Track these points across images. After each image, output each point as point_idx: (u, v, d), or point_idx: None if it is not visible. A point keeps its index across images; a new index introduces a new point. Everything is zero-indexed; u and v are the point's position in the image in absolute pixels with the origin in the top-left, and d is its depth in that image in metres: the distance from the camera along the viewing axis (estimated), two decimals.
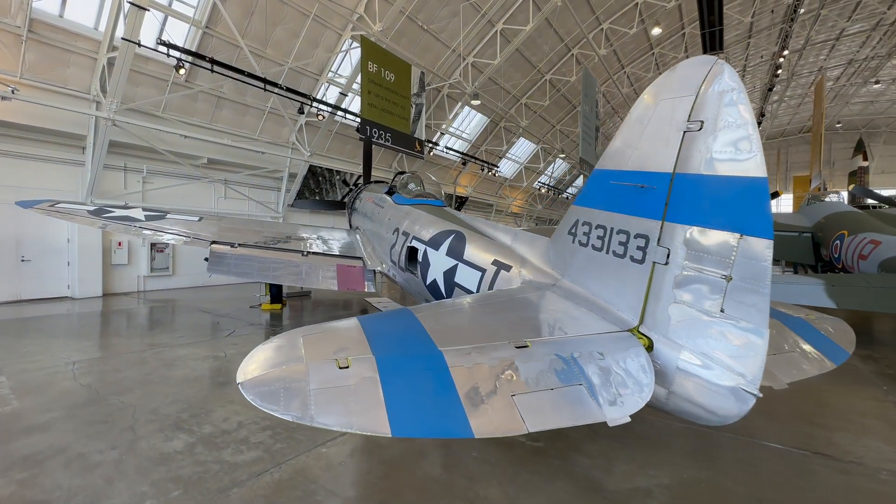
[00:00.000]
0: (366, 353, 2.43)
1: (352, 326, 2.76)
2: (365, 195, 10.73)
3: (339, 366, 2.27)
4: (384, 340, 2.62)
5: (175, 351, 6.26)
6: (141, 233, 7.54)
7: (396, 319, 3.03)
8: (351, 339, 2.59)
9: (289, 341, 2.48)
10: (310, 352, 2.37)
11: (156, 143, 12.66)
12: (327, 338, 2.60)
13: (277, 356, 2.33)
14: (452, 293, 5.47)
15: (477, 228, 5.79)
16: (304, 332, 2.60)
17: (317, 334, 2.61)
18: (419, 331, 2.83)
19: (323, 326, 2.75)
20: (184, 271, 14.54)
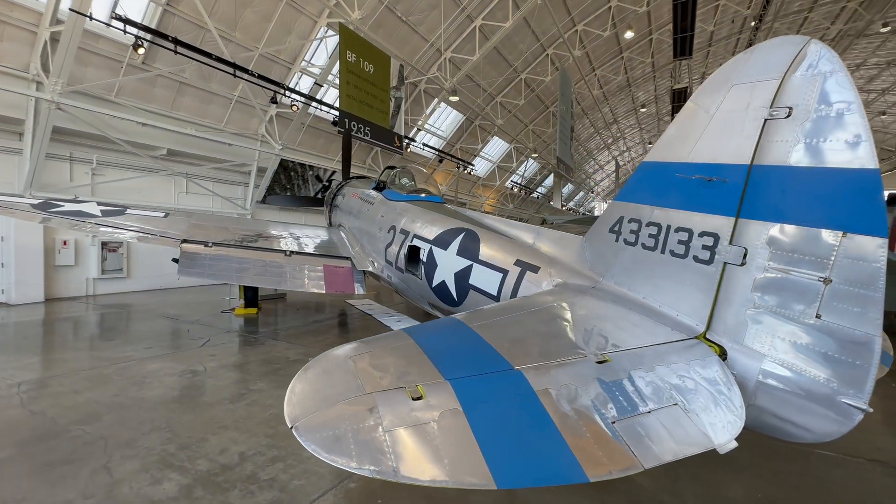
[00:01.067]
0: (434, 376, 1.97)
1: (405, 341, 2.29)
2: (348, 191, 10.10)
3: (411, 396, 1.80)
4: (449, 358, 2.18)
5: (144, 365, 5.45)
6: (97, 230, 6.61)
7: (449, 330, 2.59)
8: (410, 357, 2.12)
9: (335, 364, 1.99)
10: (368, 378, 1.88)
11: (108, 130, 11.38)
12: (381, 357, 2.12)
13: (330, 386, 1.83)
14: (467, 296, 5.05)
15: (490, 226, 5.39)
16: (349, 350, 2.11)
17: (366, 353, 2.12)
18: (481, 345, 2.40)
19: (369, 343, 2.26)
20: (140, 273, 13.24)
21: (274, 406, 4.18)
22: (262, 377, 5.08)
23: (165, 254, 13.73)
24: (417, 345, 2.24)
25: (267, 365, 5.59)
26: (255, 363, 5.66)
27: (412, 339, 2.31)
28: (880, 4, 25.67)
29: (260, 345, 6.70)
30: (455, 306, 5.29)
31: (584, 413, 2.00)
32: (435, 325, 2.78)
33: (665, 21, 25.32)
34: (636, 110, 37.98)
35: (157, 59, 12.18)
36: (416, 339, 2.31)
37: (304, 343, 6.84)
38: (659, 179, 3.20)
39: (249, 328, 7.97)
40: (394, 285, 7.09)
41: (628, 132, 43.60)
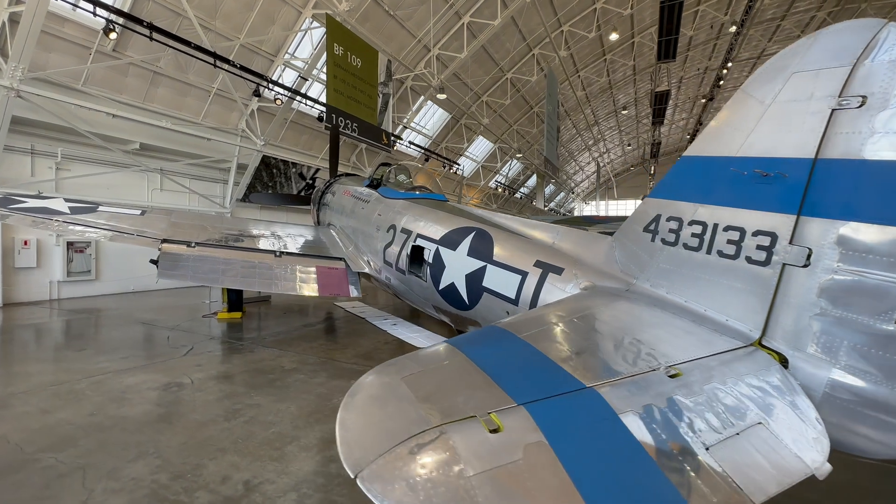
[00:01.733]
0: (503, 400, 1.67)
1: (455, 357, 1.97)
2: (339, 189, 9.66)
3: (487, 428, 1.49)
4: (512, 376, 1.88)
5: (121, 378, 4.92)
6: (66, 229, 6.01)
7: (499, 342, 2.28)
8: (468, 377, 1.81)
9: (387, 389, 1.66)
10: (430, 406, 1.56)
11: (75, 122, 10.55)
12: (436, 378, 1.80)
13: (389, 418, 1.49)
14: (480, 299, 4.76)
15: (502, 225, 5.11)
16: (397, 371, 1.78)
17: (417, 373, 1.80)
18: (541, 358, 2.11)
19: (416, 360, 1.94)
20: (110, 275, 12.39)
21: (276, 423, 3.78)
22: (258, 390, 4.65)
23: (139, 254, 12.91)
24: (472, 361, 1.94)
25: (260, 375, 5.15)
26: (247, 374, 5.20)
27: (463, 353, 2.00)
28: (846, 14, 26.80)
29: (249, 352, 6.23)
30: (466, 310, 4.99)
31: (675, 439, 1.73)
32: (482, 337, 2.47)
33: (647, 24, 25.73)
34: (616, 112, 38.58)
35: (129, 46, 11.40)
36: (469, 353, 2.00)
37: (298, 349, 6.40)
38: (703, 175, 2.98)
39: (235, 334, 7.45)
40: (392, 287, 6.73)
41: (608, 134, 44.29)
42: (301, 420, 3.86)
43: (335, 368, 5.50)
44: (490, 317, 4.65)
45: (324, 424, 3.78)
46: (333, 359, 5.96)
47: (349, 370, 5.44)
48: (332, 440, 3.48)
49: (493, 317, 4.58)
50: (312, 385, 4.83)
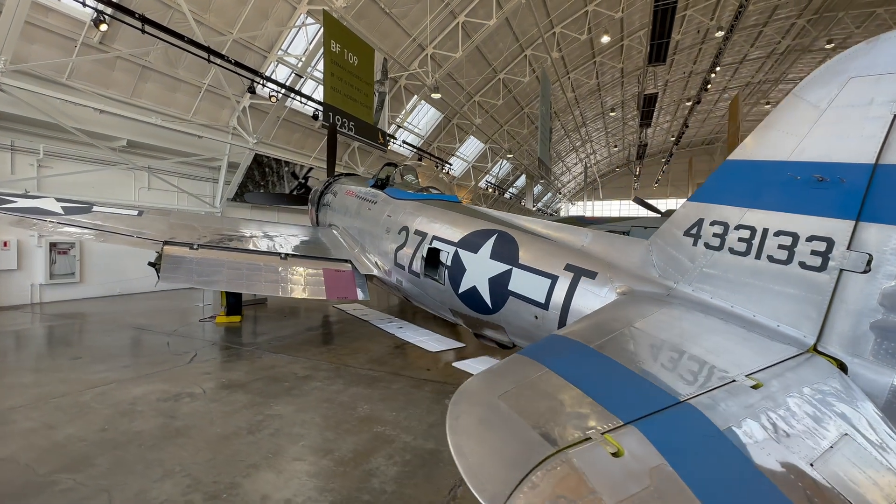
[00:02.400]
0: (608, 418, 1.58)
1: (540, 370, 1.87)
2: (341, 189, 9.47)
3: (608, 451, 1.39)
4: (605, 391, 1.79)
5: (127, 389, 4.66)
6: (60, 230, 5.69)
7: (574, 352, 2.19)
8: (564, 393, 1.71)
9: (489, 410, 1.55)
10: (542, 427, 1.46)
11: (59, 117, 10.05)
12: (532, 395, 1.69)
13: (505, 443, 1.38)
14: (505, 304, 4.67)
15: (525, 228, 5.03)
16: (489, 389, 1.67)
17: (511, 391, 1.69)
18: (624, 371, 2.03)
19: (501, 376, 1.83)
20: (95, 277, 11.88)
21: (304, 436, 3.61)
22: (275, 399, 4.45)
23: (125, 256, 12.42)
24: (559, 375, 1.84)
25: (275, 383, 4.95)
26: (261, 381, 5.00)
27: (546, 366, 1.90)
28: (825, 22, 27.70)
29: (257, 359, 6.00)
30: (489, 314, 4.90)
31: (780, 455, 1.67)
32: (554, 347, 2.37)
33: (636, 28, 26.09)
34: (604, 114, 39.07)
35: (116, 39, 10.94)
36: (552, 366, 1.90)
37: (307, 355, 6.20)
38: (751, 179, 2.95)
39: (238, 339, 7.19)
40: (404, 291, 6.58)
41: (595, 135, 44.85)
42: (329, 431, 3.70)
43: (350, 375, 5.34)
44: (516, 321, 4.57)
45: (354, 436, 3.63)
46: (346, 364, 5.78)
47: (366, 377, 5.28)
48: (367, 452, 3.34)
49: (520, 321, 4.51)
50: (331, 393, 4.66)
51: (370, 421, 3.93)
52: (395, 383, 5.02)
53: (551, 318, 4.17)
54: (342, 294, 6.75)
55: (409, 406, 4.32)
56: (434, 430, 3.74)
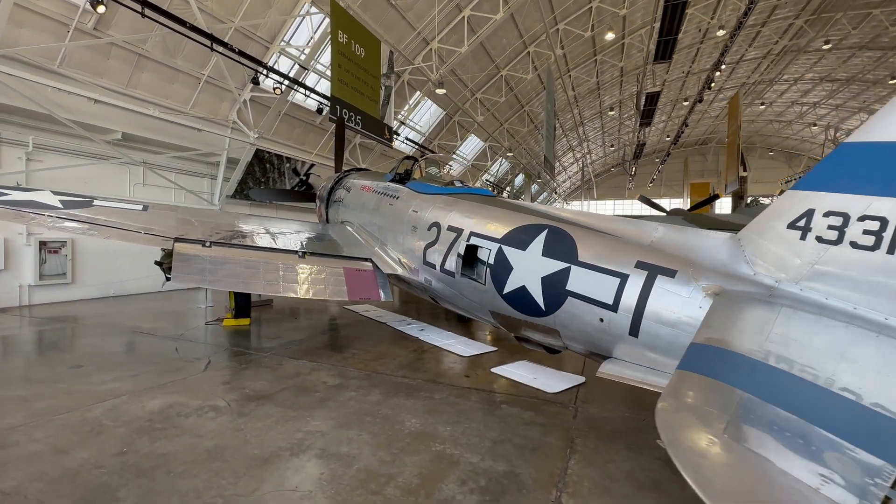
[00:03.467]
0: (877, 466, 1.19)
1: (732, 393, 1.48)
2: (354, 184, 9.00)
3: None
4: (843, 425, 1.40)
5: (141, 402, 4.16)
6: (60, 225, 5.16)
7: (764, 373, 1.80)
8: (793, 427, 1.32)
9: (729, 451, 1.15)
10: (797, 475, 1.06)
11: (51, 107, 9.41)
12: (757, 429, 1.30)
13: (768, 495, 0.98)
14: (562, 305, 4.26)
15: (578, 222, 4.64)
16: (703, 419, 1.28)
17: (732, 423, 1.29)
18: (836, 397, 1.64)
19: (704, 400, 1.43)
20: (87, 278, 11.24)
21: (356, 457, 3.17)
22: (311, 412, 4.00)
23: (120, 255, 11.79)
24: (759, 399, 1.46)
25: (305, 394, 4.49)
26: (289, 392, 4.53)
27: (735, 388, 1.52)
28: (822, 23, 27.88)
29: (277, 365, 5.52)
30: (540, 316, 4.49)
31: None
32: (728, 364, 1.96)
33: (637, 26, 25.96)
34: (602, 114, 39.01)
35: (111, 24, 10.32)
36: (743, 387, 1.52)
37: (331, 361, 5.74)
38: (881, 163, 2.58)
39: (251, 343, 6.69)
40: (433, 291, 6.15)
41: (591, 134, 44.82)
42: (382, 451, 3.26)
43: (385, 383, 4.90)
44: (575, 324, 4.17)
45: (412, 456, 3.20)
46: (377, 371, 5.34)
47: (402, 385, 4.84)
48: (434, 477, 2.92)
49: (581, 324, 4.11)
50: (370, 405, 4.22)
51: (424, 438, 3.50)
52: (436, 392, 4.60)
53: (621, 321, 3.79)
54: (364, 295, 6.30)
55: (461, 419, 3.90)
56: (500, 448, 3.32)
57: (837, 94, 37.98)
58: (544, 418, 3.96)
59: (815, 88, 38.24)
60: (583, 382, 4.96)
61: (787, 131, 48.13)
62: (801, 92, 39.29)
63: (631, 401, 4.51)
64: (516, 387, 4.86)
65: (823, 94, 38.79)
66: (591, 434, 3.65)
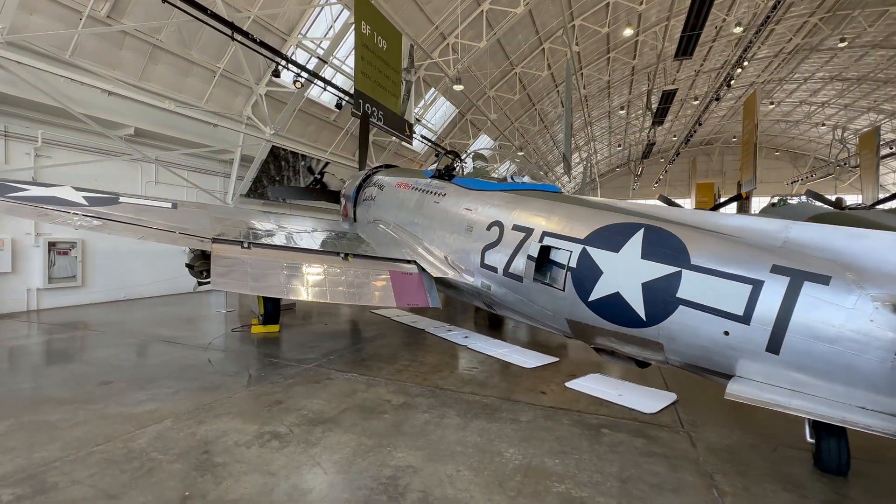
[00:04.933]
0: None
1: None
2: (387, 181, 8.49)
3: None
4: None
5: (188, 428, 3.60)
6: (90, 224, 4.61)
7: None
8: None
9: None
10: None
11: (63, 100, 8.83)
12: None
13: None
14: (671, 314, 3.74)
15: (680, 220, 4.12)
16: None
17: None
18: None
19: None
20: (97, 280, 10.67)
21: (464, 501, 2.63)
22: (389, 439, 3.45)
23: (129, 256, 11.20)
24: None
25: (373, 416, 3.94)
26: (352, 414, 3.99)
27: None
28: (836, 20, 27.52)
29: (327, 380, 4.97)
30: (640, 326, 3.96)
31: None
32: None
33: (652, 23, 25.53)
34: (610, 113, 38.60)
35: (125, 13, 9.74)
36: None
37: (382, 374, 5.20)
38: None
39: (288, 354, 6.13)
40: (491, 297, 5.61)
41: (598, 134, 44.41)
42: (497, 494, 2.72)
43: (456, 402, 4.36)
44: (688, 336, 3.64)
45: (535, 500, 2.66)
46: (440, 387, 4.80)
47: (476, 404, 4.31)
48: None
49: (696, 337, 3.58)
50: (453, 430, 3.68)
51: (536, 474, 2.97)
52: (520, 414, 4.06)
53: (754, 335, 3.27)
54: (412, 301, 5.79)
55: (566, 448, 3.37)
56: (633, 489, 2.79)
57: (847, 93, 37.67)
58: (660, 447, 3.43)
59: (824, 88, 37.92)
60: (676, 400, 4.43)
61: (793, 131, 47.83)
62: (811, 91, 38.96)
63: (742, 423, 3.99)
64: (605, 406, 4.33)
65: (833, 94, 38.47)
66: (729, 468, 3.13)
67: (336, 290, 5.42)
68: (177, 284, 12.35)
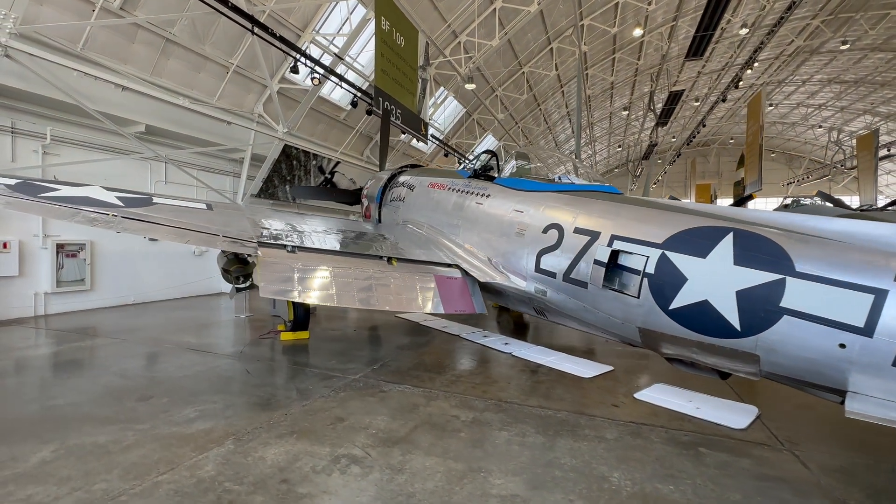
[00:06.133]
0: None
1: None
2: (417, 181, 8.21)
3: None
4: None
5: (254, 451, 3.28)
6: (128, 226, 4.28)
7: None
8: None
9: None
10: None
11: (76, 96, 8.41)
12: None
13: None
14: (772, 324, 3.50)
15: (773, 223, 3.88)
16: None
17: None
18: None
19: None
20: (106, 284, 10.25)
21: None
22: (478, 463, 3.17)
23: (138, 258, 10.78)
24: None
25: (448, 434, 3.66)
26: (425, 432, 3.69)
27: None
28: (838, 23, 27.73)
29: (381, 392, 4.67)
30: (733, 337, 3.72)
31: None
32: None
33: (658, 24, 25.50)
34: (612, 114, 38.62)
35: (139, 5, 9.34)
36: None
37: (438, 385, 4.91)
38: None
39: (328, 363, 5.81)
40: (545, 303, 5.33)
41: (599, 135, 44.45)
42: None
43: (529, 417, 4.09)
44: (794, 349, 3.39)
45: None
46: (503, 400, 4.52)
47: (552, 420, 4.04)
48: None
49: (804, 350, 3.33)
50: (539, 449, 3.41)
51: (655, 503, 2.71)
52: (602, 430, 3.80)
53: (878, 348, 3.03)
54: (459, 307, 5.52)
55: (673, 472, 3.11)
56: None
57: (844, 95, 38.08)
58: (771, 468, 3.19)
59: (822, 90, 38.29)
60: (759, 414, 4.20)
61: (789, 133, 48.31)
62: (809, 93, 39.33)
63: (839, 439, 3.76)
64: (686, 420, 4.09)
65: (831, 96, 38.86)
66: (856, 493, 2.89)
67: (385, 297, 5.12)
68: (188, 288, 11.95)
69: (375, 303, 5.05)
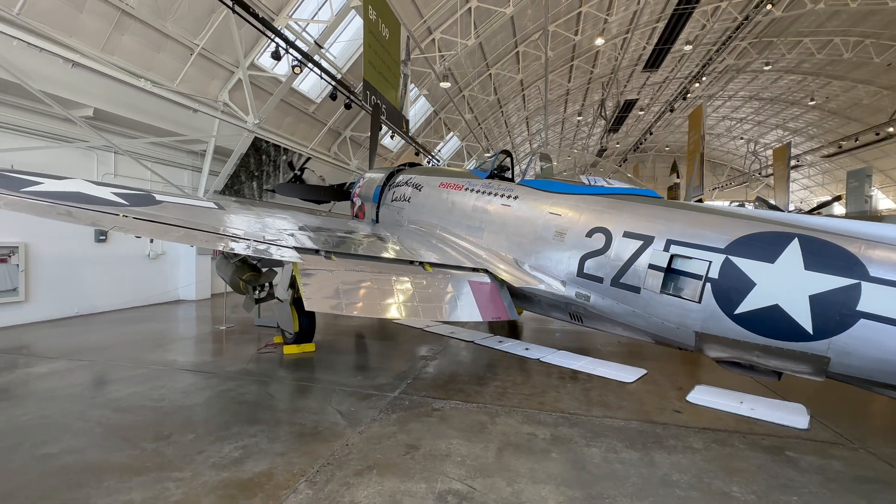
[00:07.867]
0: None
1: None
2: (425, 181, 7.86)
3: None
4: None
5: (342, 495, 2.79)
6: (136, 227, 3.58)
7: None
8: None
9: None
10: None
11: (18, 73, 7.02)
12: None
13: None
14: (847, 328, 3.63)
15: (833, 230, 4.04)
16: None
17: None
18: None
19: None
20: (44, 294, 8.77)
21: None
22: (589, 487, 2.92)
23: (83, 264, 9.31)
24: None
25: (534, 455, 3.37)
26: (511, 454, 3.38)
27: None
28: (761, 46, 30.88)
29: (435, 411, 4.28)
30: (804, 340, 3.82)
31: None
32: None
33: (613, 35, 26.80)
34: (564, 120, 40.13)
35: None
36: None
37: (488, 399, 4.61)
38: None
39: (354, 379, 5.28)
40: (590, 308, 5.23)
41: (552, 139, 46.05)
42: None
43: (604, 429, 3.92)
44: (870, 350, 3.53)
45: None
46: (566, 411, 4.33)
47: (627, 430, 3.90)
48: None
49: (881, 351, 3.49)
50: (641, 466, 3.24)
51: None
52: (686, 440, 3.72)
53: None
54: (494, 313, 5.30)
55: (785, 482, 3.07)
56: None
57: (762, 111, 42.62)
58: (864, 470, 3.28)
59: (744, 105, 42.56)
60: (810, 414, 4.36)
61: (714, 143, 53.22)
62: (733, 108, 43.54)
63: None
64: (746, 422, 4.14)
65: (751, 111, 43.32)
66: None
67: (427, 305, 4.75)
68: (143, 296, 10.56)
69: (420, 313, 4.67)
